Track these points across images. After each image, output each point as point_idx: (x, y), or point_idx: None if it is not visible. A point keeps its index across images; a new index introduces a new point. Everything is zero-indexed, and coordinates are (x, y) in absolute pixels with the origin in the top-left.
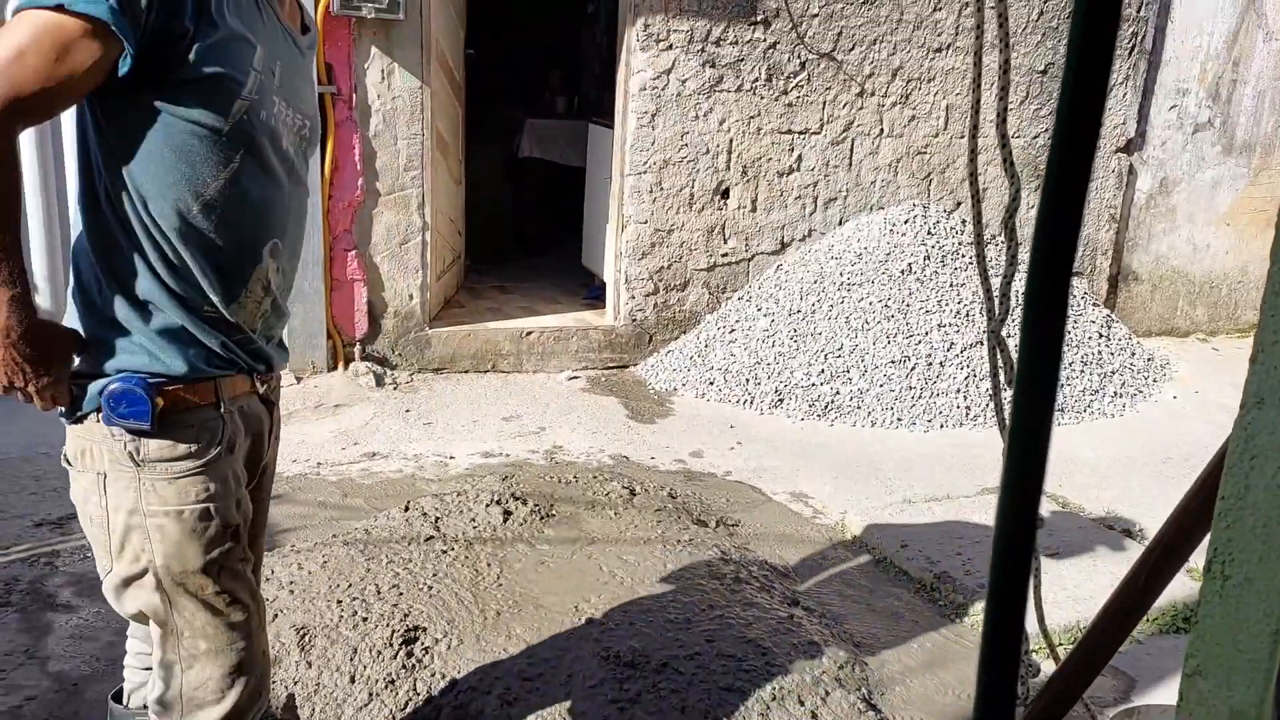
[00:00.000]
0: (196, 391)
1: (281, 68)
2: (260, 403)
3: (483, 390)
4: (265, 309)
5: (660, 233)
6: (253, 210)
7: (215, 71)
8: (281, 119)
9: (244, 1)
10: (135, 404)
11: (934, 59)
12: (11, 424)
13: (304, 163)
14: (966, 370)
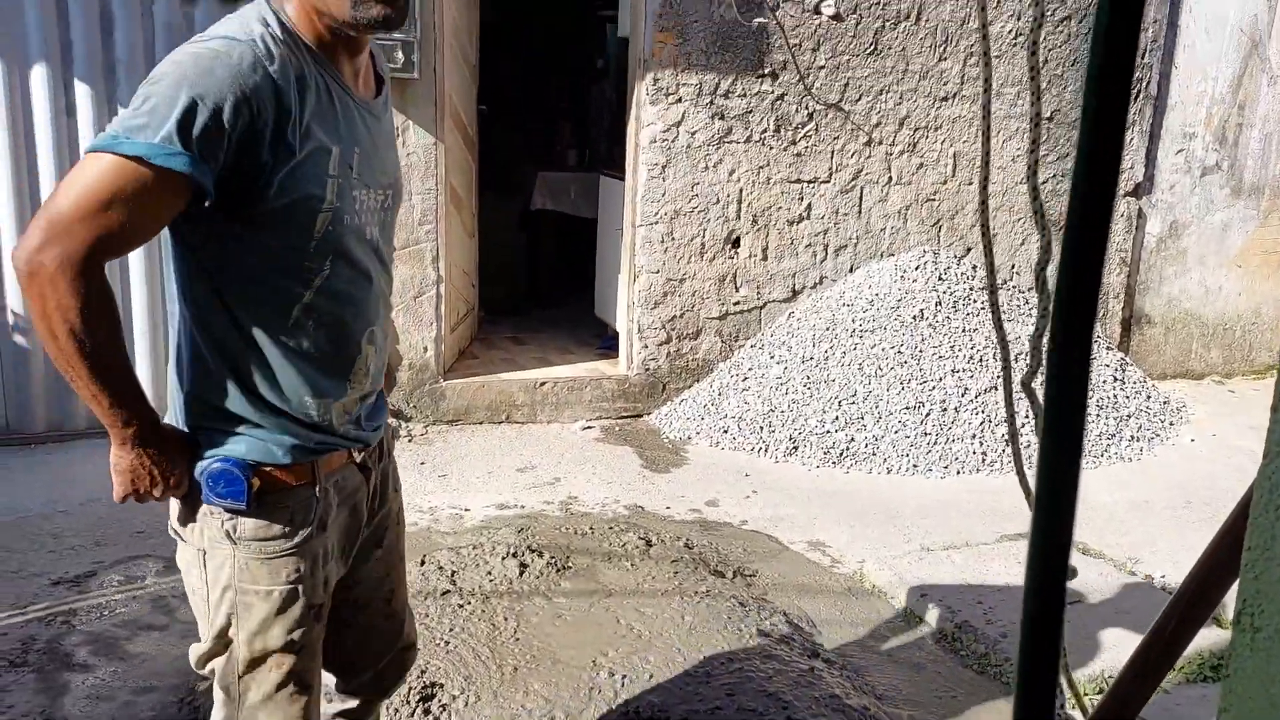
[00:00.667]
0: (292, 473)
1: (359, 153)
2: (357, 470)
3: (497, 441)
4: (365, 389)
5: (672, 282)
6: (347, 309)
7: (296, 197)
8: (364, 209)
9: (318, 95)
10: (233, 484)
11: (940, 108)
12: (32, 480)
13: (389, 234)
14: (981, 416)
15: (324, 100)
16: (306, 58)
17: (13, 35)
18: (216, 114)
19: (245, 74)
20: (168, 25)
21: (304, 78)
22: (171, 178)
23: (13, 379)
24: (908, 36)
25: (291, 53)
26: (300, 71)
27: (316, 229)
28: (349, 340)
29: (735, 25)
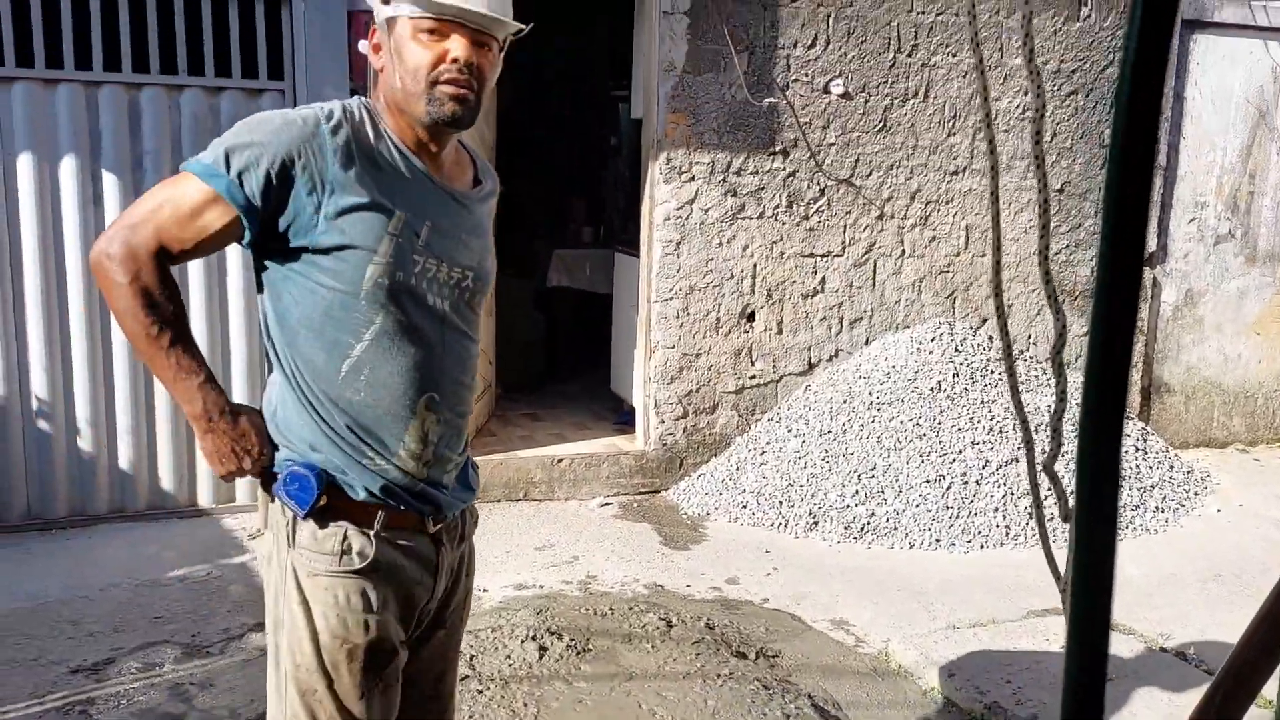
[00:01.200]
0: (354, 508)
1: (431, 225)
2: (428, 541)
3: (515, 519)
4: (427, 458)
5: (688, 357)
6: (401, 369)
7: (342, 242)
8: (429, 277)
9: (385, 168)
10: (304, 488)
11: (951, 181)
12: (53, 565)
13: (467, 313)
14: (1003, 489)
15: (393, 171)
16: (385, 138)
17: (44, 126)
18: (260, 146)
19: (301, 129)
20: (194, 116)
21: (372, 148)
22: (211, 195)
23: (35, 463)
24: (916, 113)
25: (367, 129)
26: (370, 143)
27: (366, 279)
28: (400, 402)
29: (746, 105)
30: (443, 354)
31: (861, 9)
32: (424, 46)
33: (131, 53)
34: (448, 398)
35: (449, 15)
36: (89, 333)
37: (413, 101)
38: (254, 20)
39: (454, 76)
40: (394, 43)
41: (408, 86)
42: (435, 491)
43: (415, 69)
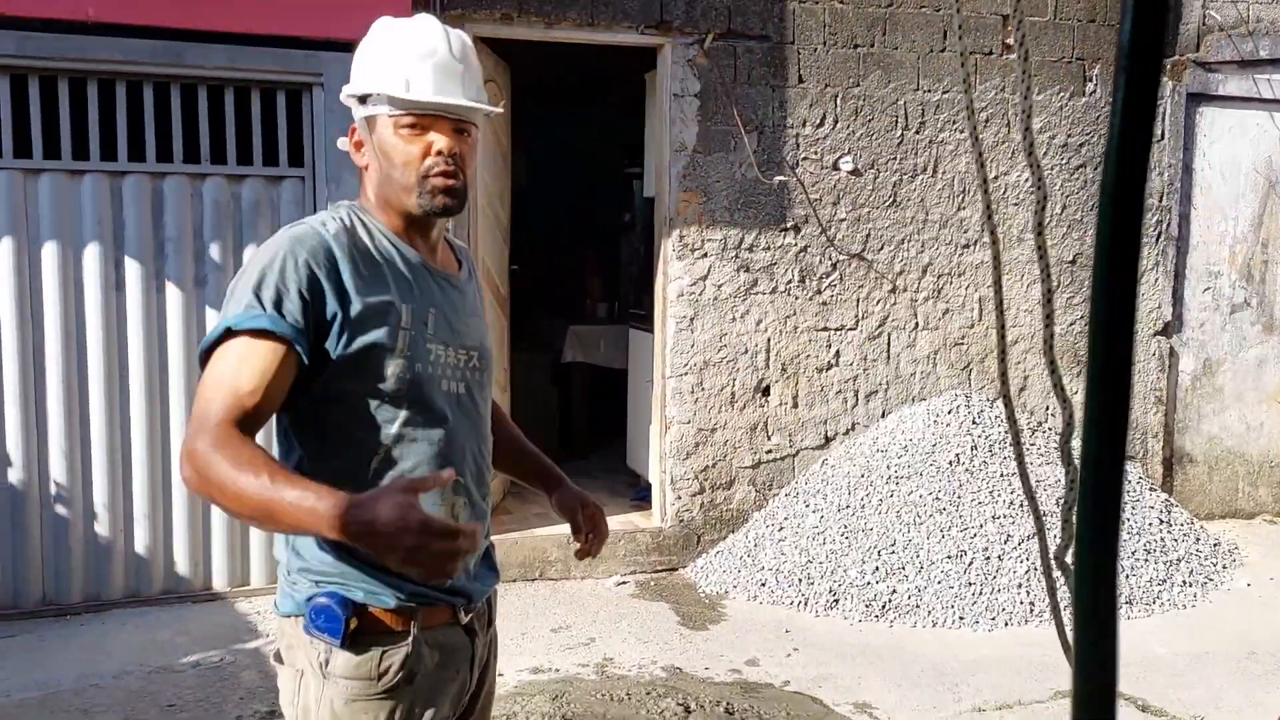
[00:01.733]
0: (391, 618)
1: (435, 313)
2: (462, 632)
3: (531, 599)
4: None
5: (704, 432)
6: (428, 458)
7: (365, 344)
8: (442, 363)
9: (383, 267)
10: (331, 620)
11: (963, 254)
12: (66, 652)
13: (477, 391)
14: (1026, 564)
15: (394, 268)
16: (379, 235)
17: (69, 215)
18: (281, 273)
19: (309, 243)
20: (216, 203)
21: (370, 248)
22: (258, 338)
23: (52, 549)
24: (926, 188)
25: (361, 231)
26: (368, 244)
27: (388, 375)
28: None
29: (756, 183)
30: (463, 436)
31: (869, 88)
32: (407, 141)
33: (156, 143)
34: (471, 479)
35: (429, 110)
36: (108, 417)
37: (404, 195)
38: (275, 109)
39: (443, 169)
40: (376, 140)
41: (397, 181)
42: (463, 581)
43: (403, 164)
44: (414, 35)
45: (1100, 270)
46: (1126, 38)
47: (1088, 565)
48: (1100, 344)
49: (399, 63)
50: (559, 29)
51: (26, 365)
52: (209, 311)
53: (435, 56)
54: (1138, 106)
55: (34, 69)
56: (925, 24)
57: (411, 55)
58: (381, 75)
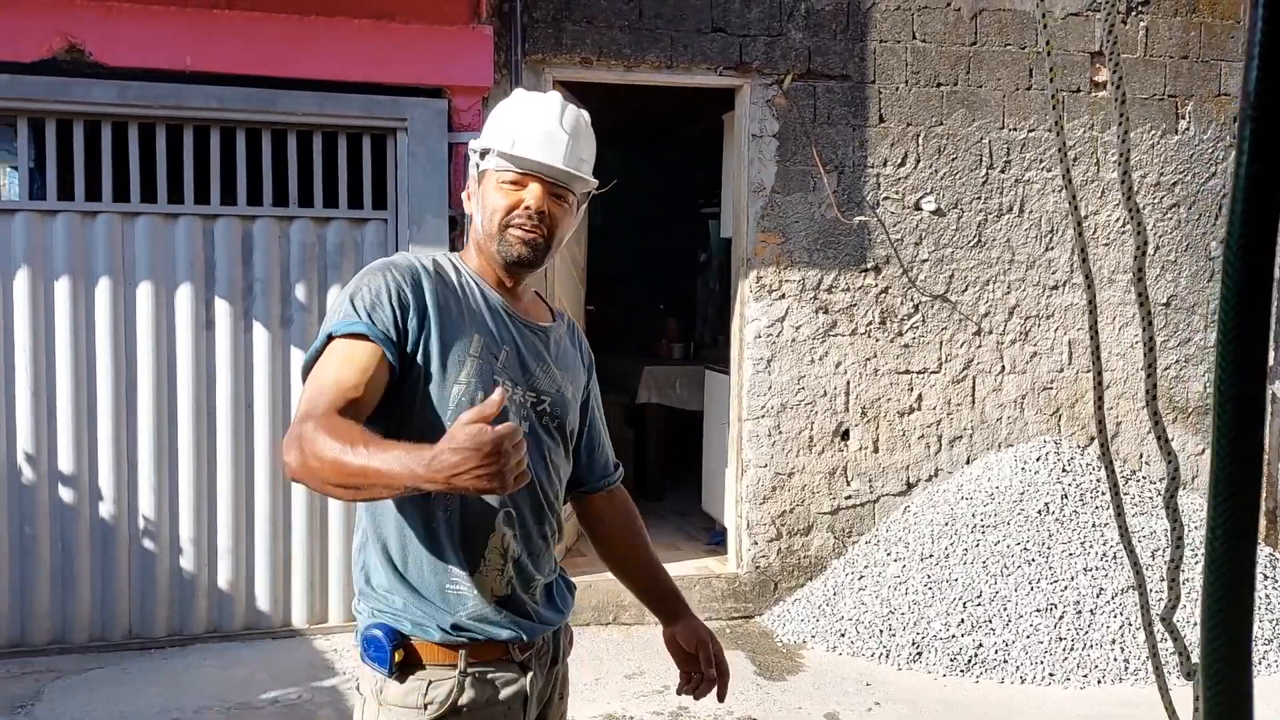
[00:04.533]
0: (433, 652)
1: (508, 352)
2: (516, 668)
3: (604, 645)
4: (509, 575)
5: (781, 476)
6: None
7: (437, 366)
8: (506, 397)
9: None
10: (379, 650)
11: (1051, 296)
12: (149, 686)
13: (547, 436)
14: (1120, 619)
15: (475, 301)
16: (467, 274)
17: (163, 256)
18: (374, 288)
19: (403, 269)
20: (303, 244)
21: (457, 284)
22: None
23: (138, 583)
24: (1012, 228)
25: (450, 268)
26: (454, 280)
27: (451, 400)
28: (483, 517)
29: (836, 224)
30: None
31: (952, 127)
32: (503, 195)
33: (246, 187)
34: (526, 515)
35: (527, 169)
36: (196, 453)
37: (489, 242)
38: (361, 153)
39: (522, 222)
40: (481, 191)
41: (486, 228)
42: (516, 615)
43: (492, 213)
44: (534, 104)
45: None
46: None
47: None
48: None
49: (515, 124)
50: (638, 72)
51: (119, 401)
52: (294, 351)
53: (545, 124)
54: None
55: (134, 116)
56: (1010, 62)
57: (527, 120)
58: (498, 134)
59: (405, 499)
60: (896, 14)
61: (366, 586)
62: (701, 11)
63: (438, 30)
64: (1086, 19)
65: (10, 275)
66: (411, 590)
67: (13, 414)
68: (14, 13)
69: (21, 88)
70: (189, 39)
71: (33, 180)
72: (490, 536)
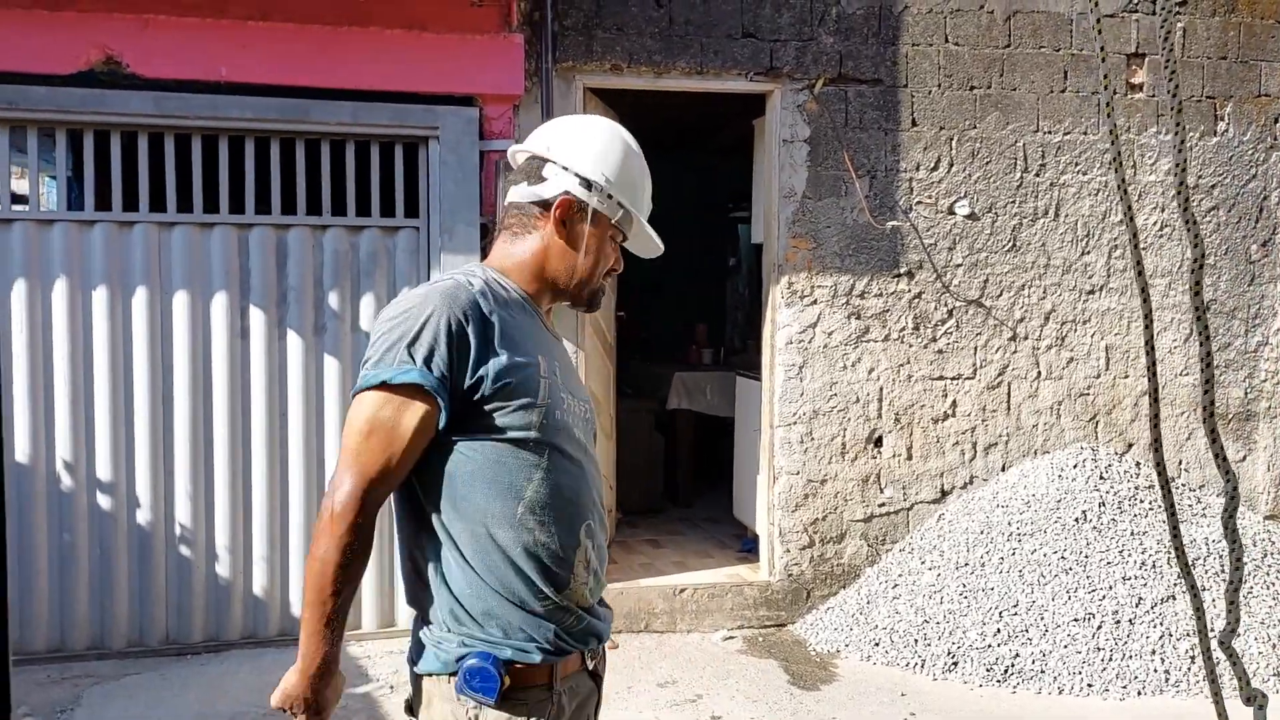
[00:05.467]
0: (535, 672)
1: (560, 367)
2: (588, 677)
3: (636, 652)
4: (590, 585)
5: (813, 483)
6: (567, 500)
7: (512, 395)
8: (570, 411)
9: (521, 321)
10: (487, 680)
11: (1088, 301)
12: (185, 691)
13: (592, 442)
14: (1160, 629)
15: (528, 321)
16: (514, 292)
17: (199, 265)
18: (434, 329)
19: (458, 297)
20: (336, 253)
21: (510, 303)
22: (410, 391)
23: (175, 589)
24: (1047, 232)
25: (498, 288)
26: (506, 299)
27: (534, 422)
28: (570, 532)
29: (868, 229)
30: (590, 482)
31: (986, 131)
32: (610, 249)
33: (281, 196)
34: (597, 524)
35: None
36: (231, 460)
37: (578, 287)
38: (393, 162)
39: (604, 283)
40: (583, 230)
41: (582, 274)
42: (594, 620)
43: (592, 266)
44: (643, 164)
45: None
46: None
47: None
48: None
49: (641, 188)
50: (668, 78)
51: (156, 409)
52: (327, 359)
53: (649, 192)
54: None
55: (170, 127)
56: (1045, 64)
57: (647, 185)
58: (629, 190)
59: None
60: (929, 17)
61: (452, 613)
62: (732, 18)
63: (469, 39)
64: (1123, 20)
65: (49, 285)
66: (510, 614)
67: (52, 422)
68: (53, 26)
69: (60, 99)
70: (224, 50)
71: (70, 190)
72: (578, 551)
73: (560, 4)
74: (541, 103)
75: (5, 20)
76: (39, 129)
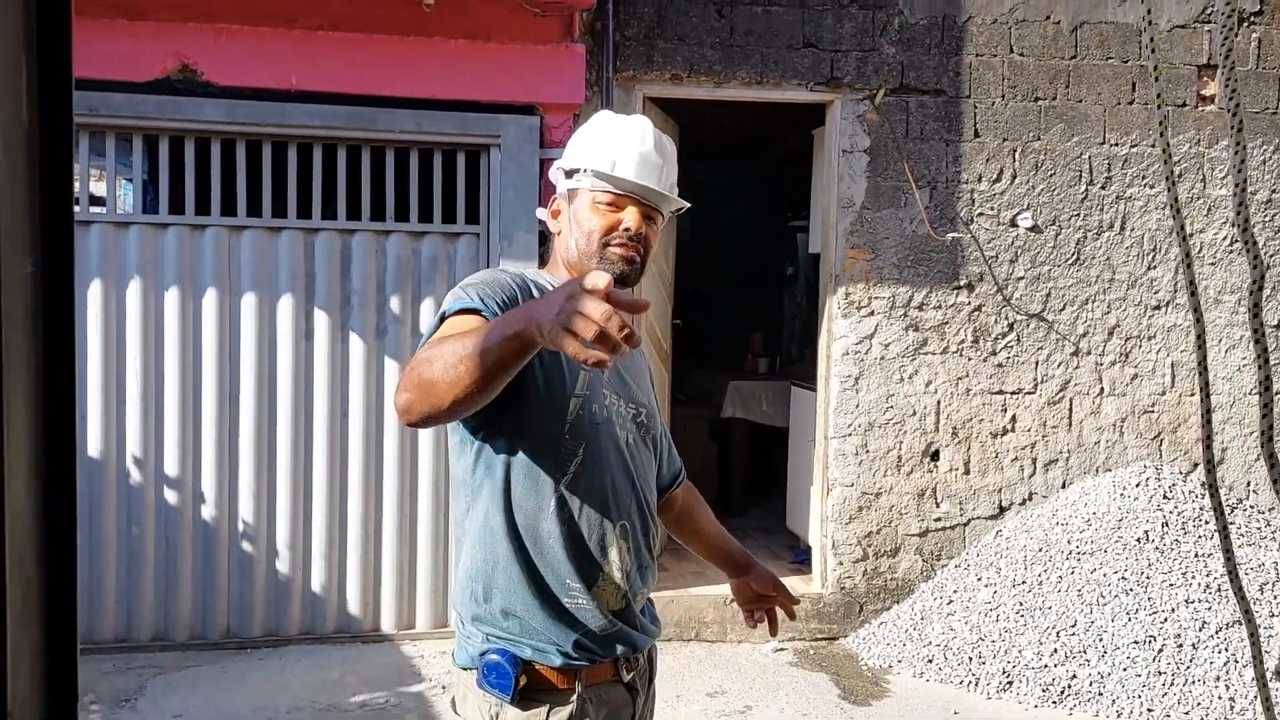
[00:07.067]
0: (558, 675)
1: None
2: (624, 690)
3: (686, 661)
4: (623, 589)
5: (868, 496)
6: (599, 498)
7: (548, 381)
8: (614, 411)
9: None
10: (502, 677)
11: (1153, 316)
12: (245, 685)
13: (645, 449)
14: (1225, 655)
15: None
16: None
17: (266, 269)
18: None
19: (509, 281)
20: (398, 258)
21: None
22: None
23: (237, 584)
24: (1112, 246)
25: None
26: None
27: (570, 413)
28: (600, 530)
29: (928, 240)
30: (630, 485)
31: (1050, 142)
32: (600, 215)
33: (346, 201)
34: (636, 527)
35: (627, 191)
36: (293, 458)
37: (585, 261)
38: (455, 169)
39: (624, 242)
40: (573, 210)
41: (582, 248)
42: (628, 628)
43: (590, 233)
44: (627, 127)
45: None
46: None
47: None
48: None
49: (610, 147)
50: (728, 88)
51: (223, 407)
52: (388, 361)
53: (642, 147)
54: None
55: (242, 134)
56: (1112, 76)
57: (622, 143)
58: (592, 155)
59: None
60: (993, 28)
61: (480, 608)
62: (793, 28)
63: (532, 49)
64: (1194, 31)
65: (124, 285)
66: (531, 612)
67: (124, 418)
68: (132, 36)
69: (137, 106)
70: (295, 59)
71: (145, 193)
72: (609, 550)
73: (622, 14)
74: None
75: (87, 30)
76: (117, 134)
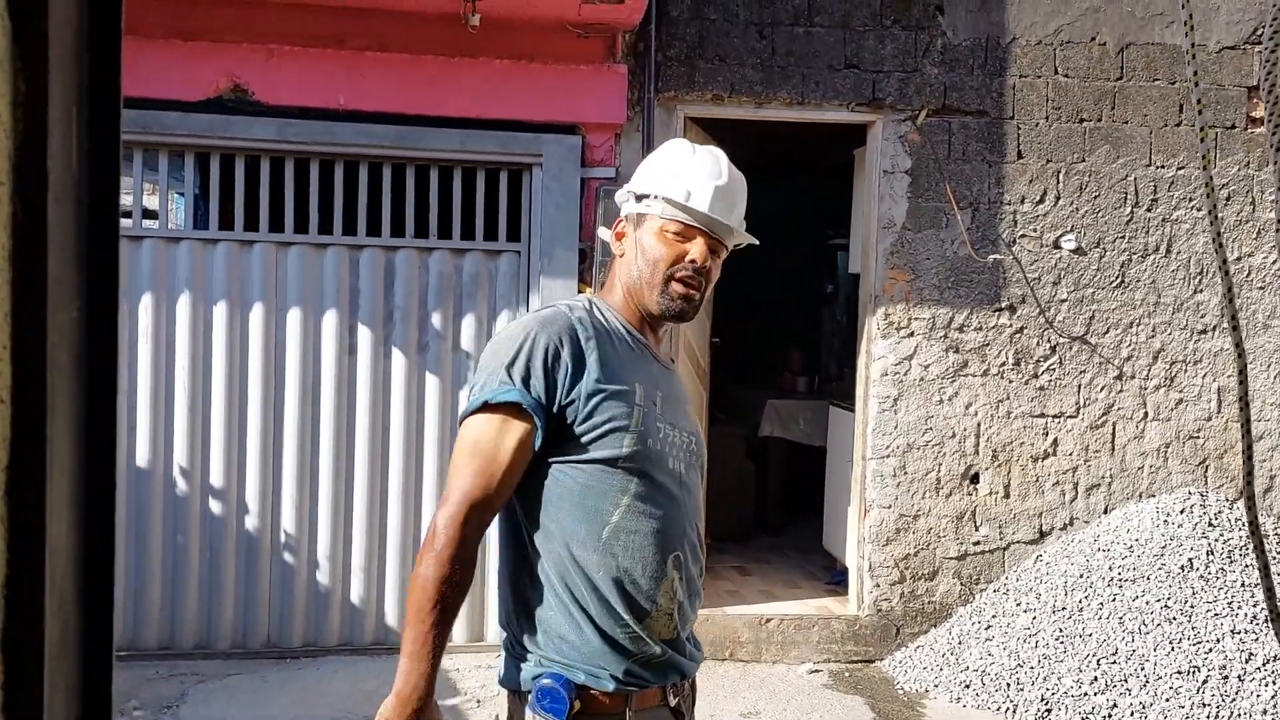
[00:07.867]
0: (606, 701)
1: (661, 395)
2: (670, 714)
3: (720, 681)
4: (675, 620)
5: (905, 518)
6: (653, 530)
7: (604, 419)
8: (669, 441)
9: (620, 349)
10: (557, 701)
11: (1199, 341)
12: (284, 694)
13: (695, 475)
14: (1272, 688)
15: (626, 350)
16: (614, 319)
17: (312, 284)
18: (530, 351)
19: (555, 322)
20: (440, 274)
21: (609, 331)
22: (510, 410)
23: (278, 594)
24: (1158, 269)
25: (599, 315)
26: (606, 327)
27: (624, 447)
28: (654, 561)
29: (969, 262)
30: (683, 514)
31: (1095, 164)
32: (667, 244)
33: (390, 219)
34: (688, 556)
35: (698, 222)
36: (335, 472)
37: (646, 290)
38: (497, 188)
39: (687, 276)
40: (640, 235)
41: (645, 277)
42: (679, 655)
43: (655, 262)
44: (704, 159)
45: None
46: None
47: None
48: None
49: (685, 176)
50: (769, 108)
51: (267, 419)
52: (429, 377)
53: (719, 180)
54: None
55: (290, 152)
56: (1159, 97)
57: (698, 174)
58: (666, 182)
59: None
60: (1038, 49)
61: (533, 632)
62: (834, 49)
63: (575, 70)
64: (1244, 52)
65: (174, 298)
66: (586, 638)
67: (171, 428)
68: (185, 56)
69: (190, 124)
70: (343, 79)
71: (196, 209)
72: (663, 582)
73: (664, 35)
74: (643, 131)
75: (142, 50)
76: (170, 151)
